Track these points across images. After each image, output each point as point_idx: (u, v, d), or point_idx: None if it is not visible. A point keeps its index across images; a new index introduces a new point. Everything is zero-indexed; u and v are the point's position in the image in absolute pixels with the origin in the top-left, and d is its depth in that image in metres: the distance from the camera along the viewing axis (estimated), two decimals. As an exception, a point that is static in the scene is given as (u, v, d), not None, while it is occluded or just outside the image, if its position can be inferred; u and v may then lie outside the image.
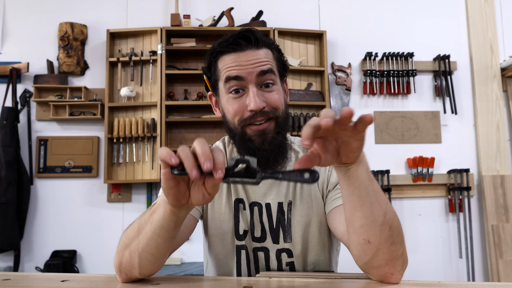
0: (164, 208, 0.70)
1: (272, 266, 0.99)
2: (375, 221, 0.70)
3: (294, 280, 0.81)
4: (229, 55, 0.91)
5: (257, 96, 0.89)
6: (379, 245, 0.71)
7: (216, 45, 0.94)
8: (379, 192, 0.71)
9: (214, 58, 0.94)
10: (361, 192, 0.69)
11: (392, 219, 0.72)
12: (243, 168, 0.63)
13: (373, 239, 0.71)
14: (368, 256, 0.73)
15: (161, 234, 0.73)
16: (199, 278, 0.85)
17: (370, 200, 0.70)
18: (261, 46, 0.92)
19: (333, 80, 3.01)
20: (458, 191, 2.92)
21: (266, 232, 0.99)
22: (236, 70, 0.89)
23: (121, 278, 0.82)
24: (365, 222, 0.71)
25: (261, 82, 0.91)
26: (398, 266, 0.74)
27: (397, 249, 0.72)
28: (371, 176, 0.71)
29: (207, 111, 2.87)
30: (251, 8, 2.99)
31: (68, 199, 2.84)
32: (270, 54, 0.94)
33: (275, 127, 0.92)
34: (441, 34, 3.13)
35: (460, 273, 2.92)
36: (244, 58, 0.90)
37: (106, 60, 2.83)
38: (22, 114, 2.86)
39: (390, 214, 0.72)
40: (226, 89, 0.92)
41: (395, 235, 0.72)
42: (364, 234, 0.71)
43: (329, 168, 0.99)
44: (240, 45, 0.90)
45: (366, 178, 0.69)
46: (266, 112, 0.90)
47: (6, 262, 2.73)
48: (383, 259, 0.72)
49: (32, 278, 0.89)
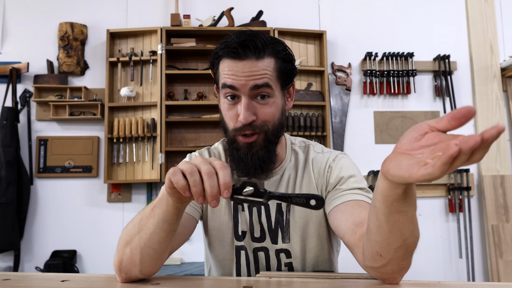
0: (166, 202, 0.72)
1: (272, 265, 0.99)
2: (391, 244, 0.68)
3: (294, 280, 0.81)
4: (228, 61, 0.90)
5: (247, 109, 0.88)
6: (391, 260, 0.70)
7: (219, 46, 0.93)
8: (407, 222, 0.64)
9: (216, 60, 0.94)
10: (383, 216, 0.64)
11: (412, 243, 0.68)
12: (251, 191, 0.65)
13: (385, 255, 0.70)
14: (377, 264, 0.72)
15: (164, 227, 0.75)
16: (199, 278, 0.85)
17: (386, 227, 0.66)
18: (263, 55, 0.89)
19: (333, 80, 3.01)
20: (458, 191, 2.92)
21: (265, 232, 0.99)
22: (231, 79, 0.88)
23: (121, 277, 0.81)
24: (380, 241, 0.68)
25: (255, 95, 0.89)
26: (403, 273, 0.74)
27: (407, 262, 0.72)
28: (407, 207, 0.62)
29: (207, 111, 2.87)
30: (251, 8, 2.99)
31: (68, 199, 2.84)
32: (271, 65, 0.90)
33: (264, 141, 0.92)
34: (441, 34, 3.13)
35: (460, 273, 2.92)
36: (241, 69, 0.88)
37: (106, 60, 2.83)
38: (22, 114, 2.86)
39: (411, 240, 0.67)
40: (223, 93, 0.92)
41: (409, 254, 0.70)
42: (377, 248, 0.70)
43: (328, 170, 0.99)
44: (239, 54, 0.87)
45: (390, 208, 0.62)
46: (254, 126, 0.89)
47: (6, 262, 2.73)
48: (391, 270, 0.72)
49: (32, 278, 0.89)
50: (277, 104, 0.92)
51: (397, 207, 0.62)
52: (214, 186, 0.63)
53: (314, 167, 1.01)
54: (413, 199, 0.62)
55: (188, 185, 0.64)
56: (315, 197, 0.65)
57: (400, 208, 0.62)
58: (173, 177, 0.65)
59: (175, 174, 0.65)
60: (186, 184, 0.64)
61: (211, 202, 0.64)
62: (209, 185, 0.63)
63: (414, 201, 0.63)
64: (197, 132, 2.91)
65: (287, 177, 1.01)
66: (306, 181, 1.00)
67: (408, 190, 0.60)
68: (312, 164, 1.01)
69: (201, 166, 0.65)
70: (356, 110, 3.03)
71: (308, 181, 1.00)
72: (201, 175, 0.64)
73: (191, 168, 0.65)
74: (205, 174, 0.64)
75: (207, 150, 1.08)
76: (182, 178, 0.65)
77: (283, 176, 1.01)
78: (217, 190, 0.63)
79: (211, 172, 0.64)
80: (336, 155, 1.01)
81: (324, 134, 2.84)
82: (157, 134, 2.75)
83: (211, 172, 0.64)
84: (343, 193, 0.92)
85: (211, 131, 2.91)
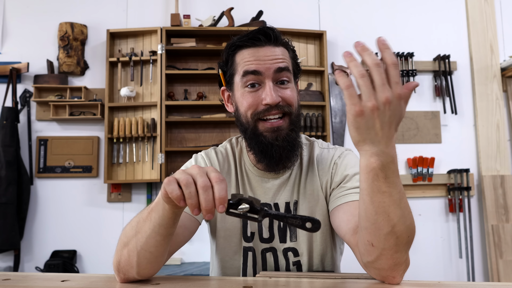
0: (163, 206, 0.71)
1: (281, 266, 0.99)
2: (380, 229, 0.69)
3: (294, 280, 0.81)
4: (248, 50, 0.93)
5: (273, 90, 0.91)
6: (383, 251, 0.70)
7: (235, 39, 0.96)
8: (392, 205, 0.67)
9: (232, 52, 0.96)
10: (367, 197, 0.68)
11: (402, 231, 0.69)
12: (247, 208, 0.65)
13: (376, 244, 0.70)
14: (372, 257, 0.73)
15: (160, 231, 0.74)
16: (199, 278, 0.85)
17: (371, 210, 0.68)
18: (279, 44, 0.95)
19: (333, 80, 3.01)
20: (458, 191, 2.92)
21: (274, 231, 0.99)
22: (254, 64, 0.91)
23: (120, 277, 0.81)
24: (369, 226, 0.70)
25: (277, 79, 0.93)
26: (401, 270, 0.74)
27: (401, 256, 0.72)
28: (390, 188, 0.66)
29: (207, 111, 2.87)
30: (251, 8, 2.99)
31: (68, 199, 2.84)
32: (286, 53, 0.96)
33: (289, 124, 0.93)
34: (441, 34, 3.13)
35: (460, 273, 2.92)
36: (263, 54, 0.92)
37: (106, 60, 2.83)
38: (22, 114, 2.86)
39: (401, 227, 0.68)
40: (243, 83, 0.93)
41: (401, 245, 0.70)
42: (367, 237, 0.71)
43: (333, 167, 0.98)
44: (260, 40, 0.93)
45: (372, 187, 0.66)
46: (281, 107, 0.92)
47: (6, 262, 2.73)
48: (386, 264, 0.72)
49: (32, 278, 0.89)
50: (295, 91, 0.97)
51: (379, 186, 0.65)
52: (209, 200, 0.62)
53: (319, 164, 1.01)
54: (395, 181, 0.66)
55: (183, 196, 0.64)
56: (311, 220, 0.65)
57: (382, 188, 0.65)
58: (168, 187, 0.64)
59: (170, 184, 0.64)
60: (181, 194, 0.64)
61: (205, 215, 0.63)
62: (204, 199, 0.62)
63: (396, 183, 0.66)
64: (197, 132, 2.91)
65: (294, 176, 1.01)
66: (310, 180, 1.00)
67: (386, 168, 0.64)
68: (317, 160, 1.01)
69: (197, 178, 0.64)
70: (356, 110, 3.03)
71: (311, 179, 1.00)
72: (197, 187, 0.63)
73: (187, 179, 0.64)
74: (200, 188, 0.63)
75: (214, 150, 1.06)
76: (177, 188, 0.64)
77: (291, 175, 1.01)
78: (212, 204, 0.62)
79: (206, 186, 0.63)
80: (342, 152, 1.01)
81: (324, 134, 2.84)
82: (157, 134, 2.75)
83: (207, 186, 0.63)
84: (347, 192, 0.92)
85: (211, 131, 2.91)
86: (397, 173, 0.66)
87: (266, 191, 1.00)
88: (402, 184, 0.68)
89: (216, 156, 1.04)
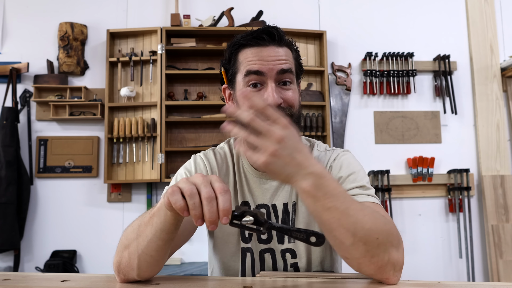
0: (165, 213, 0.71)
1: (279, 267, 0.98)
2: (343, 243, 0.69)
3: (293, 280, 0.81)
4: (251, 49, 0.92)
5: (275, 92, 0.90)
6: (358, 260, 0.70)
7: (238, 37, 0.95)
8: (342, 216, 0.66)
9: (236, 51, 0.95)
10: (318, 219, 0.69)
11: (367, 236, 0.68)
12: (251, 221, 0.64)
13: (349, 256, 0.71)
14: (354, 267, 0.73)
15: (162, 236, 0.74)
16: (199, 278, 0.85)
17: (327, 228, 0.68)
18: (283, 44, 0.94)
19: (333, 80, 3.02)
20: (458, 191, 2.92)
21: (272, 232, 0.99)
22: (257, 64, 0.90)
23: (120, 278, 0.82)
24: (334, 243, 0.71)
25: (280, 80, 0.92)
26: (390, 271, 0.73)
27: (380, 258, 0.71)
28: (333, 201, 0.66)
29: (207, 111, 2.87)
30: (251, 8, 2.99)
31: (68, 199, 2.84)
32: (290, 54, 0.95)
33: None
34: (441, 34, 3.13)
35: (460, 273, 2.92)
36: (266, 54, 0.91)
37: (106, 60, 2.83)
38: (22, 114, 2.86)
39: (361, 232, 0.68)
40: (245, 82, 0.92)
41: (374, 248, 0.69)
42: (339, 252, 0.72)
43: (328, 169, 0.98)
44: (264, 40, 0.91)
45: (317, 208, 0.67)
46: (282, 108, 0.91)
47: (6, 262, 2.73)
48: (369, 270, 0.72)
49: (32, 278, 0.89)
50: (297, 92, 0.96)
51: (323, 205, 0.65)
52: (213, 212, 0.62)
53: None
54: (334, 193, 0.66)
55: (186, 206, 0.63)
56: (316, 234, 0.65)
57: (326, 205, 0.65)
58: (172, 198, 0.64)
59: (173, 194, 0.64)
60: (185, 205, 0.63)
61: (209, 227, 0.63)
62: (208, 211, 0.62)
63: (336, 195, 0.66)
64: (197, 132, 2.91)
65: None
66: None
67: (320, 186, 0.65)
68: None
69: (202, 188, 0.63)
70: (356, 110, 3.03)
71: None
72: (201, 198, 0.63)
73: (191, 190, 0.63)
74: (204, 199, 0.62)
75: (212, 151, 1.06)
76: (181, 198, 0.63)
77: None
78: (216, 216, 0.62)
79: (210, 197, 0.62)
80: (337, 154, 1.00)
81: (324, 134, 2.84)
82: (157, 134, 2.75)
83: (211, 197, 0.62)
84: None
85: (211, 131, 2.91)
86: (333, 184, 0.67)
87: (264, 192, 0.99)
88: (343, 190, 0.69)
89: (214, 157, 1.04)
